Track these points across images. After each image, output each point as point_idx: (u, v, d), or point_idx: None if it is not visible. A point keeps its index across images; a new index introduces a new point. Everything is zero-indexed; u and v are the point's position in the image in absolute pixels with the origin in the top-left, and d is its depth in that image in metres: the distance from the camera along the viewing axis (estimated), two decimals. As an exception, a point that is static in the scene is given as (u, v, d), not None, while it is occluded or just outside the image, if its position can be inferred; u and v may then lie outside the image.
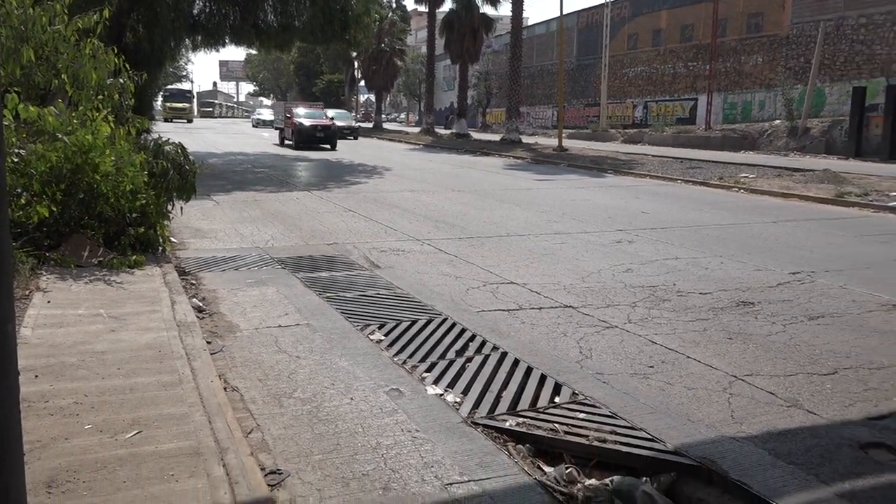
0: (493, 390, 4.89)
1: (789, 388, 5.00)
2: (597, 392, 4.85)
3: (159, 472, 3.40)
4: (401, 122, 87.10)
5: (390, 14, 58.52)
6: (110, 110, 8.36)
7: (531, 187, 18.11)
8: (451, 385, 4.97)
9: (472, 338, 5.97)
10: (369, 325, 6.26)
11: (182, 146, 9.20)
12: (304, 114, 34.06)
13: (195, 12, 23.43)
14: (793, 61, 36.59)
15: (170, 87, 72.67)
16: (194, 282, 7.65)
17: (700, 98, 41.17)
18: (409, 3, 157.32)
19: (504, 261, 9.03)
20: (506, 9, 40.23)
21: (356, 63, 64.20)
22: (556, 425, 4.34)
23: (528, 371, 5.23)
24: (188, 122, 67.06)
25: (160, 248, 8.51)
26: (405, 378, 5.06)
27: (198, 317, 6.18)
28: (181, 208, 9.22)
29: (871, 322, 6.56)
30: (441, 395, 4.78)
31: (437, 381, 5.02)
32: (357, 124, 48.52)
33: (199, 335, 5.52)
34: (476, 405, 4.64)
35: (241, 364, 5.24)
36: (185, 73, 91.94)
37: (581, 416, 4.48)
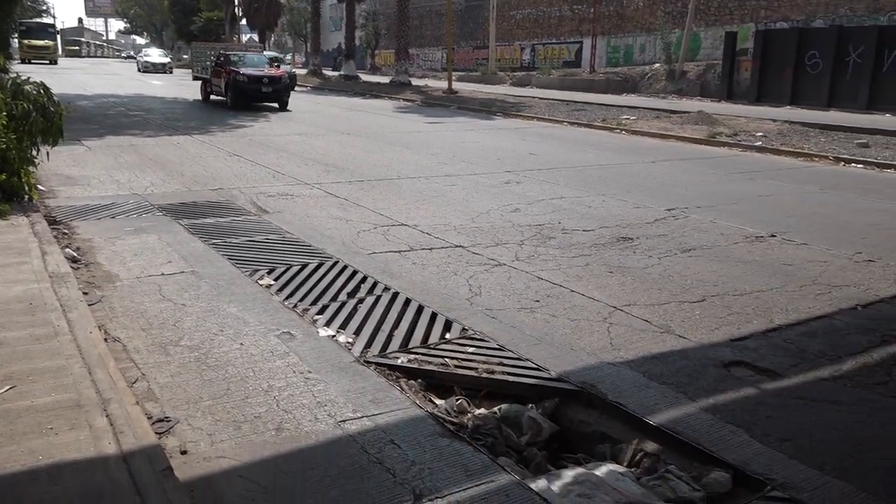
0: (384, 330, 4.95)
1: (663, 315, 5.34)
2: (486, 327, 5.01)
3: (37, 427, 3.26)
4: (287, 63, 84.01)
5: (272, -55, 55.66)
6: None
7: (421, 130, 18.05)
8: (343, 326, 5.00)
9: (363, 279, 5.98)
10: (258, 270, 6.14)
11: (45, 86, 8.52)
12: (242, 60, 24.01)
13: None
14: (671, 6, 37.78)
15: (28, 20, 59.26)
16: (67, 231, 7.22)
17: (585, 41, 41.97)
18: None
19: (395, 203, 9.03)
20: (393, -55, 39.10)
21: (237, 0, 61.03)
22: (447, 360, 4.46)
23: (420, 310, 5.32)
24: (52, 63, 55.85)
25: (26, 197, 7.94)
26: (296, 321, 5.03)
27: (72, 267, 5.86)
28: (48, 154, 8.59)
29: (736, 253, 7.06)
30: (333, 336, 4.79)
31: (328, 323, 5.03)
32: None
33: (74, 286, 5.24)
34: (368, 345, 4.69)
35: (123, 314, 5.04)
36: (45, 6, 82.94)
37: (471, 350, 4.62)
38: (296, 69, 60.45)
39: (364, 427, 3.61)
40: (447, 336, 4.88)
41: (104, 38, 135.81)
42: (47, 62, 55.70)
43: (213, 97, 24.77)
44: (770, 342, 4.88)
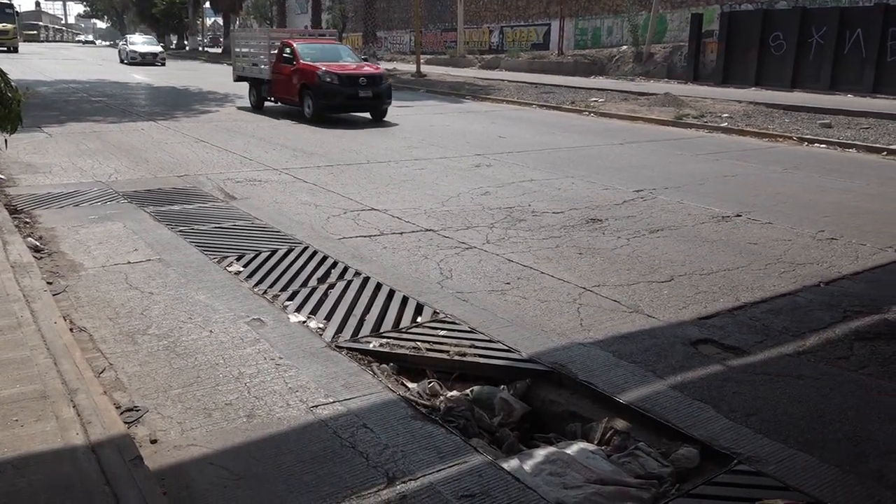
0: (356, 315, 4.94)
1: (632, 295, 5.41)
2: (457, 310, 5.02)
3: (1, 419, 3.21)
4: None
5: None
6: None
7: (390, 113, 17.93)
8: (314, 312, 4.97)
9: (333, 265, 5.96)
10: (227, 257, 6.08)
11: (1, 71, 8.28)
12: (318, 54, 16.61)
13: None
14: (638, -12, 37.90)
15: (-20, 2, 49.74)
16: (28, 220, 7.07)
17: (553, 23, 41.93)
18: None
19: (365, 188, 8.98)
20: (358, -73, 38.56)
21: (200, -18, 59.86)
22: (419, 343, 4.47)
23: (391, 294, 5.31)
24: (11, 50, 47.42)
25: (-15, 186, 7.74)
26: (266, 308, 4.99)
27: (35, 257, 5.75)
28: (6, 141, 8.37)
29: (703, 233, 7.16)
30: (304, 322, 4.77)
31: (299, 309, 5.00)
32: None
33: (37, 276, 5.14)
34: (339, 330, 4.68)
35: (89, 303, 4.96)
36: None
37: (442, 333, 4.64)
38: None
39: (336, 412, 3.61)
40: (419, 320, 4.88)
41: (63, 21, 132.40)
42: (4, 49, 47.18)
43: (269, 103, 18.03)
44: (736, 320, 4.97)
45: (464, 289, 5.46)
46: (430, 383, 4.05)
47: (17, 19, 51.96)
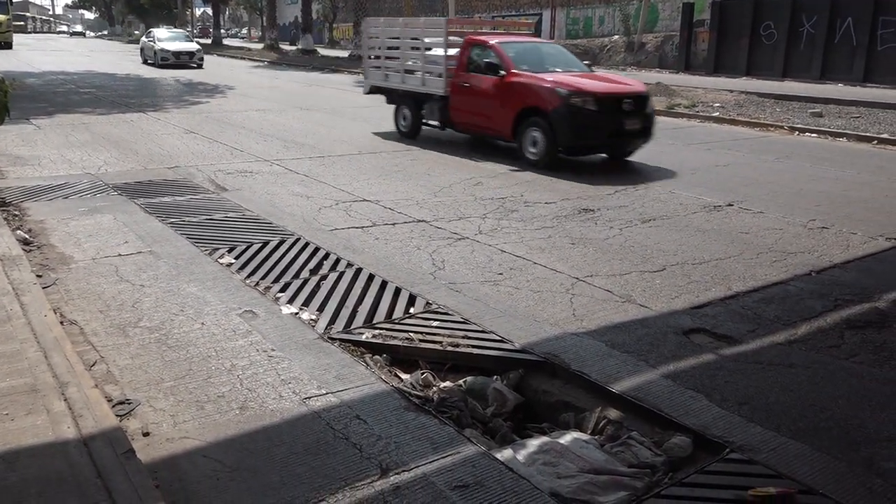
0: (348, 306, 4.93)
1: (624, 285, 5.41)
2: (450, 301, 5.02)
3: (-9, 413, 3.18)
4: (242, 37, 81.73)
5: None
6: None
7: (382, 104, 17.84)
8: (307, 303, 4.96)
9: (325, 256, 5.94)
10: (218, 249, 6.05)
11: (-11, 62, 8.22)
12: (535, 59, 11.17)
13: None
14: (629, -23, 37.81)
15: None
16: (17, 213, 7.01)
17: (544, 13, 41.80)
18: None
19: (356, 179, 8.95)
20: (348, -84, 38.20)
21: (189, -28, 59.38)
22: (412, 334, 4.46)
23: (384, 285, 5.30)
24: (4, 45, 40.31)
25: (-27, 178, 7.68)
26: (258, 299, 4.97)
27: (24, 250, 5.70)
28: (-6, 133, 8.32)
29: (695, 222, 7.17)
30: (296, 313, 4.75)
31: (291, 301, 4.99)
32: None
33: (27, 269, 5.10)
34: (332, 321, 4.66)
35: (79, 296, 4.93)
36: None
37: (435, 324, 4.63)
38: (251, 43, 58.97)
39: (329, 403, 3.60)
40: (411, 311, 4.88)
41: (50, 12, 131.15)
42: None
43: (428, 126, 12.51)
44: (728, 309, 4.98)
45: (456, 279, 5.45)
46: (423, 374, 4.05)
47: (9, 9, 42.59)
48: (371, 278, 5.43)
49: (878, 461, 3.24)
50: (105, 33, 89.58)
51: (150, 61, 31.41)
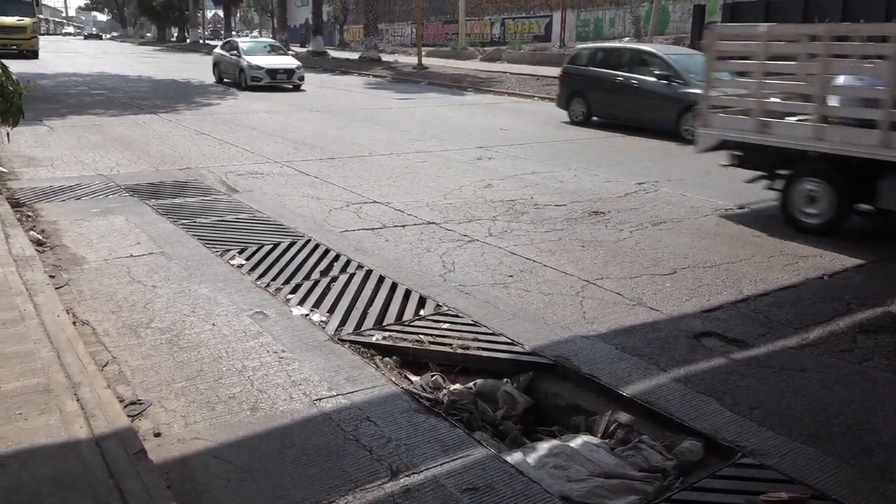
0: (359, 307, 4.94)
1: (635, 288, 5.39)
2: (460, 303, 5.02)
3: (5, 412, 3.20)
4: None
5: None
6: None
7: (392, 106, 17.90)
8: (317, 305, 4.97)
9: (336, 258, 5.95)
10: (229, 250, 6.07)
11: (3, 65, 8.27)
12: None
13: None
14: (640, -21, 37.73)
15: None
16: (31, 214, 7.06)
17: (555, 15, 41.77)
18: None
19: (366, 180, 8.97)
20: (359, -82, 38.27)
21: (201, -26, 59.57)
22: (422, 337, 4.47)
23: (394, 287, 5.31)
24: (28, 54, 32.32)
25: (-13, 179, 7.74)
26: (269, 301, 4.99)
27: (37, 250, 5.74)
28: (8, 135, 8.37)
29: (706, 226, 7.14)
30: (307, 315, 4.77)
31: (302, 302, 5.00)
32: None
33: (40, 269, 5.14)
34: (342, 323, 4.67)
35: (91, 297, 4.96)
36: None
37: (445, 326, 4.63)
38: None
39: (340, 405, 3.61)
40: (421, 313, 4.88)
41: (63, 14, 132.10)
42: (14, 49, 31.41)
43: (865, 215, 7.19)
44: (739, 313, 4.96)
45: (466, 282, 5.46)
46: (433, 376, 4.05)
47: (35, 10, 34.22)
48: (381, 280, 5.44)
49: (891, 467, 3.21)
50: (117, 34, 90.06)
51: (226, 79, 23.31)
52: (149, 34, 75.45)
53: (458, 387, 4.00)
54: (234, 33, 58.14)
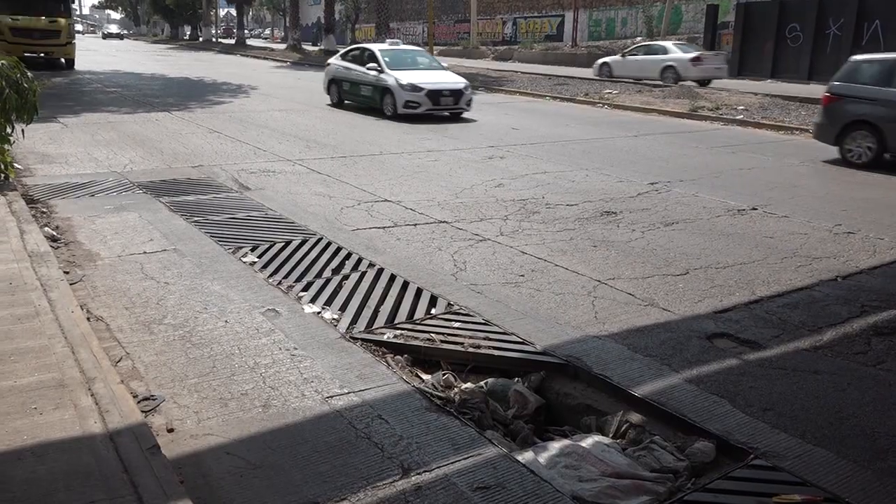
0: (370, 306, 4.95)
1: (647, 288, 5.38)
2: (471, 302, 5.02)
3: (20, 407, 3.23)
4: (265, 38, 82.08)
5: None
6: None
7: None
8: (329, 303, 4.98)
9: (347, 256, 5.96)
10: (241, 247, 6.10)
11: (18, 61, 8.33)
12: None
13: None
14: (653, -21, 37.57)
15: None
16: (45, 210, 7.11)
17: (567, 15, 41.71)
18: None
19: (378, 179, 8.98)
20: (372, -83, 38.31)
21: (213, -27, 59.80)
22: (433, 335, 4.47)
23: (405, 285, 5.31)
24: (62, 63, 26.80)
25: (2, 175, 7.79)
26: (281, 298, 5.01)
27: (52, 246, 5.79)
28: (22, 131, 8.43)
29: (718, 226, 7.11)
30: (318, 312, 4.78)
31: (314, 300, 5.01)
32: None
33: (54, 265, 5.18)
34: (354, 321, 4.68)
35: (105, 293, 4.99)
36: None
37: (456, 325, 4.63)
38: (274, 44, 59.25)
39: (351, 402, 3.62)
40: (433, 311, 4.88)
41: (77, 12, 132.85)
42: (42, 58, 25.37)
43: None
44: (752, 314, 4.94)
45: (478, 281, 5.45)
46: (444, 375, 4.05)
47: (71, 8, 28.17)
48: (393, 279, 5.45)
49: (905, 470, 3.19)
50: (130, 32, 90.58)
51: (352, 101, 16.68)
52: (162, 32, 75.80)
53: (469, 385, 4.00)
54: (246, 32, 58.25)
